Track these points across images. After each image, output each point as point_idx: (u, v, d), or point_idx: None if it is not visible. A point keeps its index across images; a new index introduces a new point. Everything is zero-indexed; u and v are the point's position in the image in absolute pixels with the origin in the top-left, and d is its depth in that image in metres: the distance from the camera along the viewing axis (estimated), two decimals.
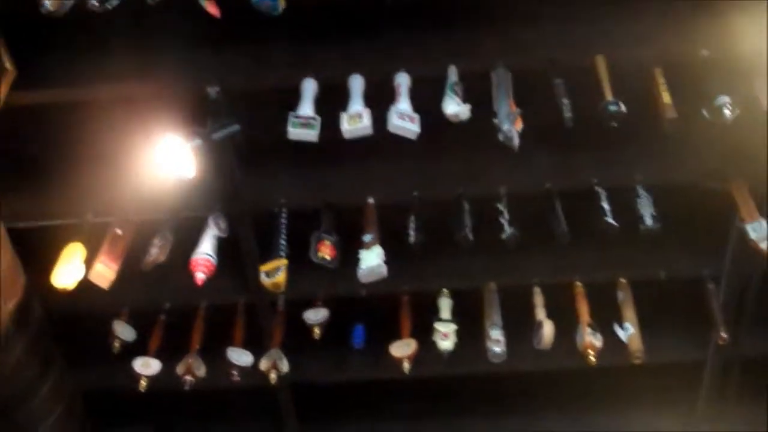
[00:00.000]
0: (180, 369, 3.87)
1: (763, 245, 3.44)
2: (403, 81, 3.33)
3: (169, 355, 3.94)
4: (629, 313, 3.85)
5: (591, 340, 3.72)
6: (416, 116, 3.23)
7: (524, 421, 4.50)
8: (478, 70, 3.36)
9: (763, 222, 3.46)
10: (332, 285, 3.84)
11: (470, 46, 3.41)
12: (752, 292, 3.98)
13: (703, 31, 3.26)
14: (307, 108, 3.28)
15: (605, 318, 3.86)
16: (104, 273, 3.46)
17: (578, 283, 3.93)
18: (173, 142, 3.20)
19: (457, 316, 3.93)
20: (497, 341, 3.78)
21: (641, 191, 3.54)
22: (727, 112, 3.13)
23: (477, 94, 3.30)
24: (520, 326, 3.87)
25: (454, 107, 3.18)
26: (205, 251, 3.53)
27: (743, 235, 3.49)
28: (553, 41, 3.37)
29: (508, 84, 3.30)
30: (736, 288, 3.93)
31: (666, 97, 3.19)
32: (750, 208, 3.51)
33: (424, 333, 3.88)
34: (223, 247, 3.67)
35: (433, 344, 3.84)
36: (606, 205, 3.52)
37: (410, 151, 3.38)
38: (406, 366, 3.81)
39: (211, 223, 3.66)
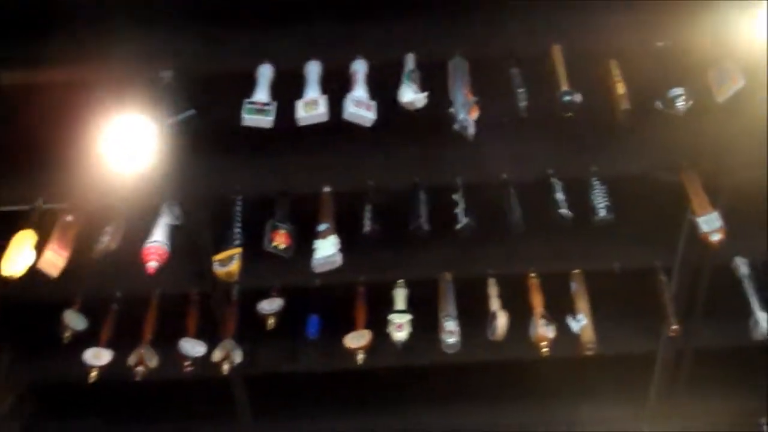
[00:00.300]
0: (132, 360, 3.82)
1: (714, 238, 3.49)
2: (359, 68, 3.31)
3: (121, 345, 3.89)
4: (582, 304, 3.87)
5: (544, 331, 3.74)
6: (373, 104, 3.21)
7: (478, 411, 4.52)
8: (436, 58, 3.35)
9: (715, 214, 3.50)
10: (287, 275, 3.81)
11: (428, 35, 3.40)
12: (703, 284, 4.03)
13: (658, 23, 3.28)
14: (262, 94, 3.25)
15: (559, 309, 3.87)
16: (54, 261, 3.40)
17: (532, 275, 3.94)
18: (126, 128, 3.15)
19: (412, 306, 3.92)
20: (451, 332, 3.78)
21: (595, 182, 3.57)
22: (680, 103, 3.16)
23: (434, 83, 3.29)
24: (474, 317, 3.87)
25: (411, 95, 3.17)
26: (158, 239, 3.48)
27: (695, 227, 3.53)
28: (510, 31, 3.37)
29: (464, 73, 3.30)
30: (688, 280, 3.98)
31: (620, 89, 3.20)
32: (702, 201, 3.55)
33: (379, 324, 3.86)
34: (176, 235, 3.63)
35: (388, 335, 3.82)
36: (560, 196, 3.54)
37: (367, 139, 3.37)
38: (360, 357, 3.80)
39: (164, 210, 3.61)
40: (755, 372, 4.37)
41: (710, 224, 3.49)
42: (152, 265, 3.42)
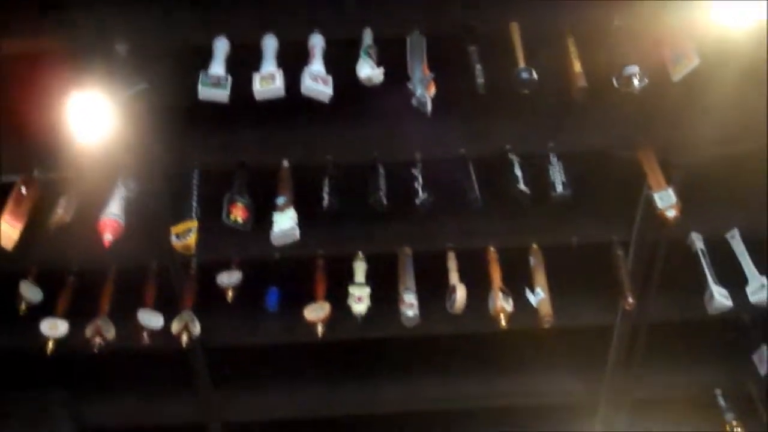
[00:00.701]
0: (89, 331, 3.80)
1: (669, 213, 3.53)
2: (317, 42, 3.29)
3: (79, 317, 3.86)
4: (540, 278, 3.90)
5: (502, 304, 3.77)
6: (329, 78, 3.20)
7: (436, 383, 4.57)
8: (394, 34, 3.33)
9: (670, 190, 3.55)
10: (246, 247, 3.81)
11: (386, 11, 3.37)
12: (659, 259, 4.07)
13: (615, 2, 3.28)
14: (218, 67, 3.22)
15: (517, 283, 3.90)
16: (8, 232, 3.37)
17: (491, 249, 3.96)
18: (82, 100, 3.12)
19: (371, 280, 3.93)
20: (410, 305, 3.79)
21: (553, 158, 3.59)
22: (635, 81, 3.17)
23: (392, 59, 3.28)
24: (434, 290, 3.89)
25: (368, 70, 3.15)
26: (113, 212, 3.45)
27: (651, 203, 3.57)
28: (468, 7, 3.36)
29: (422, 49, 3.29)
30: (644, 254, 4.03)
31: (577, 66, 3.21)
32: (657, 177, 3.59)
33: (338, 296, 3.87)
34: (134, 208, 3.60)
35: (348, 308, 3.83)
36: (518, 172, 3.55)
37: (325, 114, 3.35)
38: (320, 329, 3.81)
39: (120, 183, 3.58)
40: (710, 345, 4.47)
41: (665, 200, 3.54)
42: (107, 237, 3.40)
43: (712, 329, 4.32)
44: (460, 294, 3.79)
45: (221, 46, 3.29)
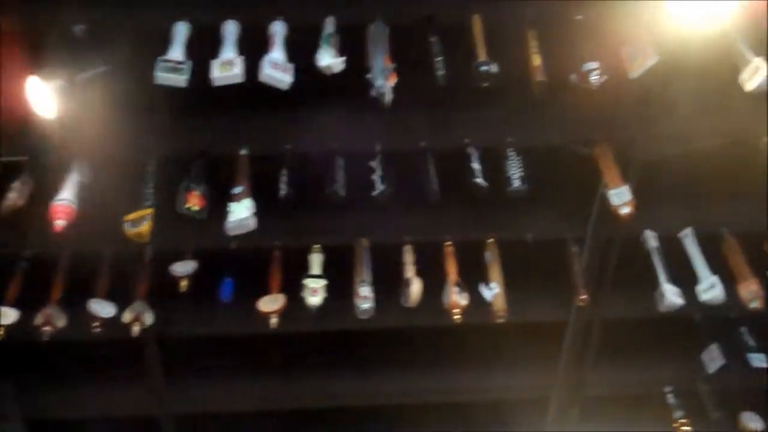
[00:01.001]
0: (38, 319, 3.73)
1: (623, 210, 3.56)
2: (278, 30, 3.28)
3: (30, 305, 3.80)
4: (495, 273, 3.91)
5: (457, 298, 3.77)
6: (290, 66, 3.18)
7: (391, 376, 4.55)
8: (355, 23, 3.33)
9: (625, 188, 3.58)
10: (201, 237, 3.77)
11: (349, 1, 3.37)
12: (613, 256, 4.11)
13: None
14: (176, 52, 3.19)
15: (473, 277, 3.91)
16: None
17: (447, 242, 3.97)
18: (37, 82, 3.07)
19: (328, 271, 3.91)
20: (366, 298, 3.79)
21: (511, 153, 3.60)
22: (594, 77, 3.20)
23: (353, 48, 3.28)
24: (389, 283, 3.88)
25: (328, 59, 3.15)
26: (66, 197, 3.39)
27: (606, 200, 3.61)
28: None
29: (384, 39, 3.29)
30: (599, 251, 4.06)
31: (536, 60, 3.24)
32: (613, 174, 3.63)
33: (294, 288, 3.84)
34: (88, 194, 3.55)
35: (303, 300, 3.81)
36: (476, 166, 3.57)
37: (285, 103, 3.34)
38: (274, 321, 3.78)
39: (74, 168, 3.53)
40: (661, 343, 4.51)
41: (620, 197, 3.58)
42: (59, 223, 3.34)
43: (664, 327, 4.36)
44: (415, 287, 3.79)
45: (181, 31, 3.26)
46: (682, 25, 3.10)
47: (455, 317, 3.80)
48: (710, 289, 3.86)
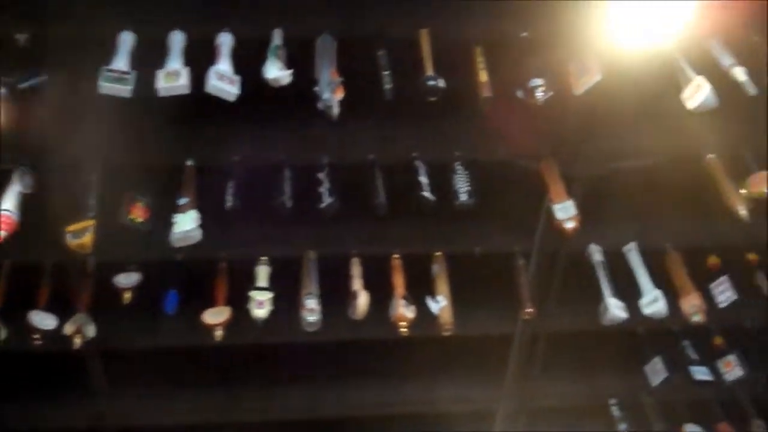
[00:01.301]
0: None
1: (568, 225, 3.61)
2: (225, 41, 3.25)
3: None
4: (442, 286, 3.93)
5: (404, 311, 3.78)
6: (236, 78, 3.16)
7: (337, 388, 4.54)
8: (304, 35, 3.32)
9: (570, 203, 3.63)
10: (145, 248, 3.72)
11: (296, 11, 3.35)
12: (559, 270, 4.15)
13: (523, 13, 3.33)
14: (121, 62, 3.15)
15: (420, 290, 3.92)
16: None
17: (395, 255, 3.97)
18: None
19: (276, 284, 3.88)
20: (312, 310, 3.78)
21: (458, 167, 3.62)
22: (539, 93, 3.24)
23: (301, 61, 3.27)
24: (337, 296, 3.87)
25: (275, 72, 3.13)
26: (6, 207, 3.32)
27: (552, 214, 3.64)
28: (379, 12, 3.36)
29: (332, 52, 3.29)
30: (544, 265, 4.09)
31: (483, 76, 3.26)
32: (558, 189, 3.67)
33: (240, 300, 3.81)
34: (29, 204, 3.48)
35: (249, 312, 3.78)
36: (424, 179, 3.58)
37: (233, 114, 3.31)
38: (219, 333, 3.75)
39: (16, 177, 3.46)
40: (606, 355, 4.55)
41: (565, 212, 3.62)
42: (0, 234, 3.27)
43: (609, 340, 4.40)
44: (362, 300, 3.79)
45: (126, 40, 3.22)
46: (627, 44, 3.14)
47: (402, 330, 3.81)
48: (653, 302, 3.92)
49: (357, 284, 3.87)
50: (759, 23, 3.32)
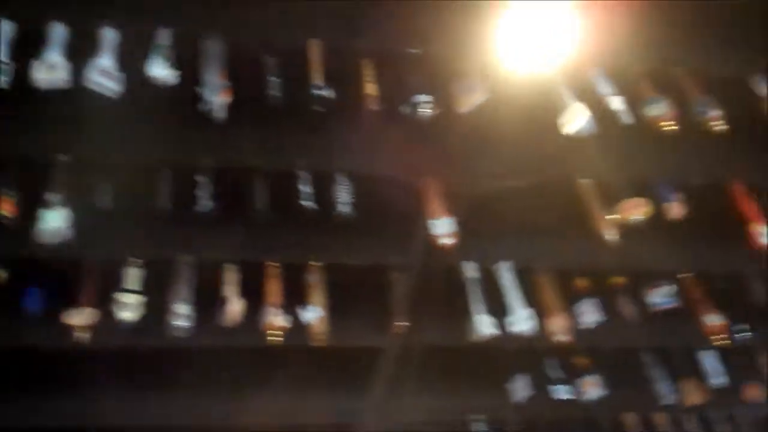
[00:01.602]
0: None
1: (445, 241, 3.66)
2: (108, 36, 3.16)
3: None
4: (317, 295, 3.92)
5: (275, 319, 3.75)
6: (118, 75, 3.08)
7: (192, 395, 4.41)
8: (192, 36, 3.26)
9: (448, 219, 3.68)
10: (12, 245, 3.55)
11: (185, 13, 3.28)
12: (434, 285, 4.19)
13: (414, 30, 3.36)
14: None
15: (297, 299, 3.90)
16: None
17: (272, 263, 3.93)
18: None
19: (149, 287, 3.78)
20: (183, 315, 3.70)
21: (340, 178, 3.62)
22: (423, 110, 3.28)
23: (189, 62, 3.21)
24: (211, 302, 3.81)
25: (160, 71, 3.07)
26: None
27: (429, 229, 3.68)
28: (271, 20, 3.33)
29: (219, 55, 3.24)
30: (420, 280, 4.13)
31: (370, 89, 3.28)
32: (437, 206, 3.72)
33: (109, 302, 3.70)
34: None
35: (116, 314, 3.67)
36: (306, 188, 3.57)
37: (115, 111, 3.21)
38: (82, 334, 3.63)
39: None
40: (476, 370, 4.62)
41: (443, 228, 3.67)
42: None
43: (477, 356, 4.48)
44: (233, 307, 3.74)
45: (3, 30, 3.08)
46: (513, 67, 3.22)
47: (272, 338, 3.77)
48: (521, 320, 4.01)
49: (229, 290, 3.81)
50: (639, 53, 3.46)
